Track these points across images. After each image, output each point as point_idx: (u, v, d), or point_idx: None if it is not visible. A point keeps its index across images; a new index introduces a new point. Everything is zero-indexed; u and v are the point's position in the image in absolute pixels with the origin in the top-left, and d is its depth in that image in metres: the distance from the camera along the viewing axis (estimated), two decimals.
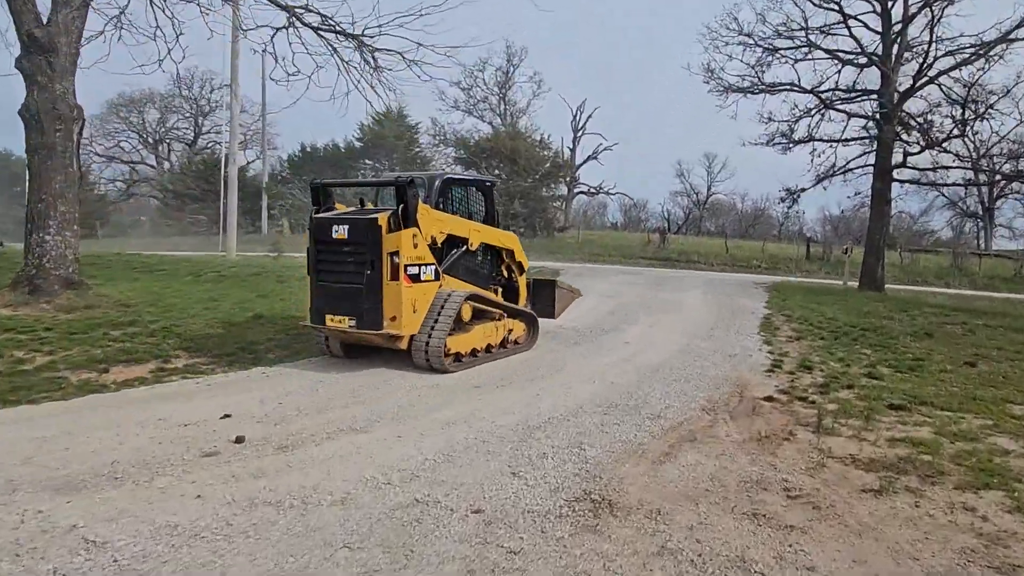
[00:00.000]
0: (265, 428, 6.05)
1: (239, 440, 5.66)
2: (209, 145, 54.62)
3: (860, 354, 10.57)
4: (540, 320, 10.63)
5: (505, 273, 10.49)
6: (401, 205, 8.33)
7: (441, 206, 9.27)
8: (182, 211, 43.69)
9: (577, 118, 53.51)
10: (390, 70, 9.41)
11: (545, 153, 45.64)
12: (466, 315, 9.01)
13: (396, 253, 8.19)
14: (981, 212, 53.14)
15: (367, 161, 44.33)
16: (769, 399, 7.71)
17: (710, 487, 5.07)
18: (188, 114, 56.52)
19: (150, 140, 56.94)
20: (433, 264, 8.71)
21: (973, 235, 59.20)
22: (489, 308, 9.59)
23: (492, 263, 10.25)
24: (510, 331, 9.90)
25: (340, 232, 8.43)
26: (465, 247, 9.45)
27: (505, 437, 6.04)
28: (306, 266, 8.85)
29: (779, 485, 5.15)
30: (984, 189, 47.79)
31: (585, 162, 53.34)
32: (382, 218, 8.28)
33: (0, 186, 45.44)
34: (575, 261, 29.03)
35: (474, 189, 10.21)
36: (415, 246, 8.38)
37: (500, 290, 10.29)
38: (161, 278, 15.92)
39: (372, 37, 11.62)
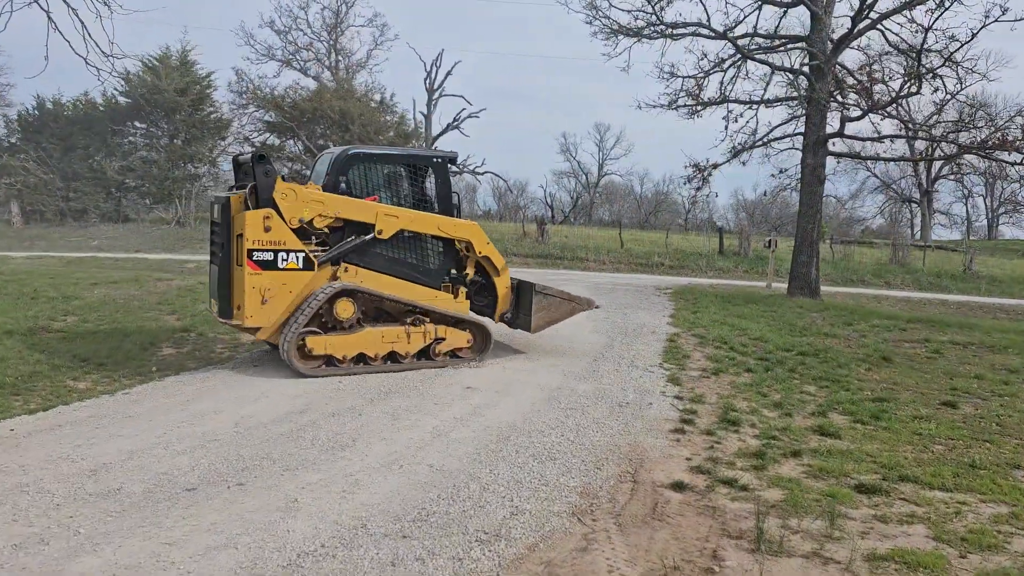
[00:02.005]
0: None
1: None
2: None
3: (802, 394, 9.32)
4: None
5: (471, 271, 10.59)
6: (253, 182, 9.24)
7: (344, 185, 9.85)
8: None
9: (432, 75, 51.49)
10: None
11: (388, 118, 43.55)
12: (343, 313, 9.51)
13: (241, 236, 9.15)
14: (918, 196, 56.26)
15: (137, 124, 40.09)
16: (678, 486, 6.10)
17: None
18: None
19: None
20: (301, 251, 9.40)
21: (907, 223, 62.94)
22: (403, 307, 9.96)
23: (443, 257, 10.41)
24: (439, 340, 10.09)
25: (215, 211, 9.79)
26: (372, 234, 9.79)
27: None
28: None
29: None
30: (923, 169, 50.55)
31: (444, 132, 51.43)
32: (236, 197, 9.33)
33: None
34: None
35: (413, 167, 10.44)
36: (267, 229, 9.17)
37: (463, 291, 10.49)
38: None
39: None
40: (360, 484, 5.91)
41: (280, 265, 9.26)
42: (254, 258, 9.15)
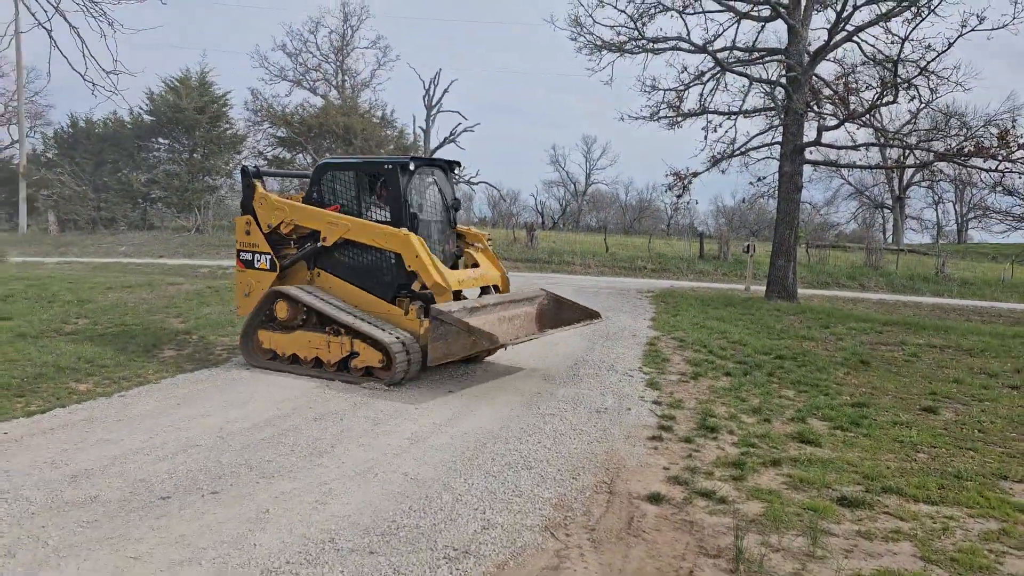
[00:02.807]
0: None
1: None
2: None
3: (781, 399, 8.74)
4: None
5: (417, 285, 9.16)
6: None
7: (316, 194, 9.72)
8: None
9: (431, 92, 50.97)
10: None
11: (388, 132, 43.14)
12: (279, 313, 9.37)
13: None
14: (891, 202, 55.52)
15: (161, 140, 39.73)
16: (655, 498, 5.53)
17: None
18: None
19: None
20: (268, 254, 9.75)
21: (880, 228, 62.15)
22: (324, 316, 9.09)
23: (394, 268, 9.14)
24: (353, 354, 8.92)
25: None
26: (320, 242, 9.49)
27: None
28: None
29: None
30: (896, 176, 49.88)
31: (442, 145, 50.97)
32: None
33: None
34: None
35: (371, 175, 9.62)
36: (247, 233, 9.87)
37: (414, 308, 9.02)
38: None
39: None
40: (333, 493, 5.39)
41: (255, 265, 9.87)
42: (240, 257, 9.98)
